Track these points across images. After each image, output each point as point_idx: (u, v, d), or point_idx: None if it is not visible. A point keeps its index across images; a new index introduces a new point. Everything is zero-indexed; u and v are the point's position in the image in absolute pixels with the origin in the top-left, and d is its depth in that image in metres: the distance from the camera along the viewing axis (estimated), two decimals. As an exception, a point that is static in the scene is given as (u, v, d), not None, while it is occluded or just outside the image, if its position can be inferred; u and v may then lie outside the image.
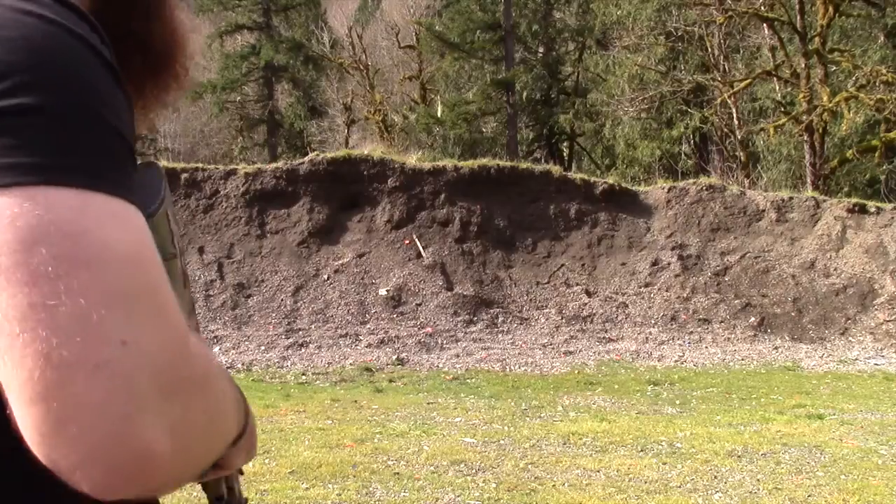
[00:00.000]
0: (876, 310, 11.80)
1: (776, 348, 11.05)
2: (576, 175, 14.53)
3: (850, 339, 11.41)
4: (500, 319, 11.55)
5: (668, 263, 12.57)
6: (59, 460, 0.52)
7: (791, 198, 13.63)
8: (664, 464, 5.44)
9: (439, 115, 24.20)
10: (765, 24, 20.19)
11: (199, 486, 0.95)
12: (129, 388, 0.52)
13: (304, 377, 9.29)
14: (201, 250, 11.97)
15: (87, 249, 0.53)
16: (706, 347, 11.06)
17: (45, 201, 0.53)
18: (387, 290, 11.65)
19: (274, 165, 13.41)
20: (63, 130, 0.56)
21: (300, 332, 10.79)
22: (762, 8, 19.24)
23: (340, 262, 12.11)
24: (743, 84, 20.23)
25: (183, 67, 0.85)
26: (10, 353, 0.51)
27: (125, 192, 0.57)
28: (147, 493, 0.55)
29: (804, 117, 18.32)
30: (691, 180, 14.37)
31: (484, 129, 25.18)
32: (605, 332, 11.46)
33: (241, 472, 0.94)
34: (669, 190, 13.62)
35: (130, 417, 0.52)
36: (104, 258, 0.53)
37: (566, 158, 25.86)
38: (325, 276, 11.89)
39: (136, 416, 0.52)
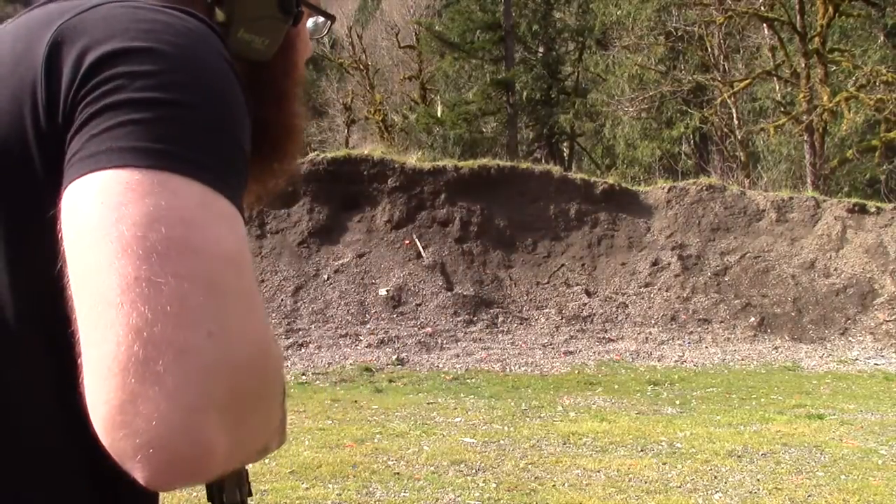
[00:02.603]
0: (876, 310, 11.80)
1: (776, 348, 11.05)
2: (576, 175, 14.53)
3: (850, 339, 11.41)
4: (500, 319, 11.55)
5: (668, 263, 12.57)
6: (121, 441, 0.52)
7: (791, 198, 13.62)
8: (664, 464, 5.44)
9: (439, 115, 24.19)
10: (765, 24, 20.19)
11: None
12: (203, 381, 0.53)
13: (304, 377, 9.29)
14: (201, 250, 11.96)
15: (200, 239, 0.55)
16: (706, 347, 11.05)
17: (175, 188, 0.56)
18: (387, 290, 11.65)
19: (274, 165, 13.39)
20: (204, 133, 0.60)
21: (300, 332, 10.79)
22: (762, 8, 19.24)
23: (340, 262, 12.11)
24: (743, 84, 20.23)
25: (291, 155, 0.89)
26: (101, 322, 0.53)
27: (238, 202, 0.61)
28: (188, 485, 0.55)
29: (804, 117, 18.31)
30: (691, 180, 14.37)
31: (484, 129, 25.15)
32: (605, 332, 11.45)
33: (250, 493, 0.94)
34: (669, 190, 13.62)
35: (198, 410, 0.52)
36: (212, 251, 0.56)
37: (566, 158, 25.85)
38: (325, 276, 11.89)
39: (204, 410, 0.53)
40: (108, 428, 0.52)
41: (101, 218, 0.54)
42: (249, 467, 0.87)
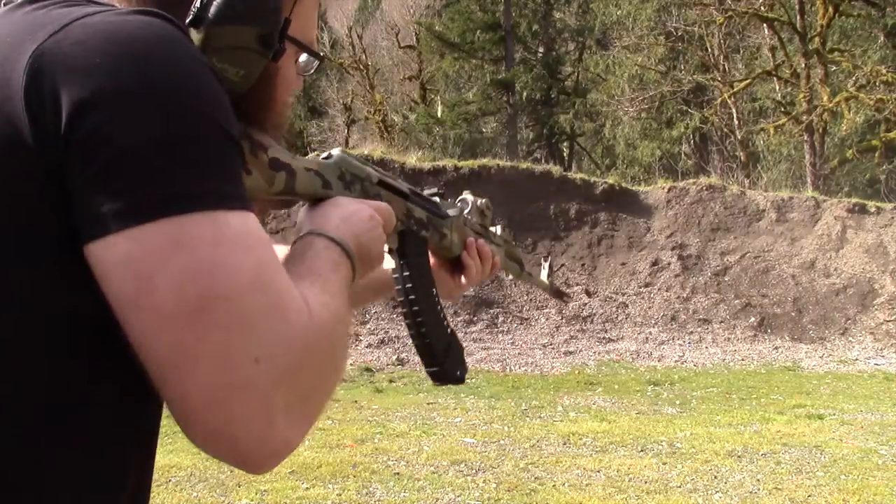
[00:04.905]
0: (876, 310, 11.80)
1: (776, 348, 11.05)
2: (576, 175, 14.53)
3: (850, 339, 11.41)
4: (500, 319, 11.55)
5: (668, 263, 12.57)
6: (226, 459, 0.64)
7: (791, 198, 13.63)
8: (664, 464, 5.44)
9: (439, 115, 24.20)
10: (765, 24, 20.19)
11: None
12: (266, 401, 0.62)
13: (304, 377, 9.29)
14: (201, 250, 11.96)
15: (224, 283, 0.61)
16: (706, 347, 11.05)
17: (190, 236, 0.61)
18: (387, 290, 11.64)
19: (274, 165, 13.39)
20: (198, 155, 0.63)
21: (300, 332, 10.79)
22: (762, 8, 19.24)
23: (340, 262, 12.10)
24: (743, 84, 20.23)
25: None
26: (168, 379, 0.62)
27: (241, 201, 0.65)
28: None
29: (804, 117, 18.31)
30: (691, 180, 14.37)
31: (484, 129, 25.16)
32: (605, 332, 11.46)
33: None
34: (669, 190, 13.62)
35: (270, 424, 0.63)
36: (238, 287, 0.62)
37: (566, 158, 25.85)
38: (325, 276, 11.88)
39: (275, 421, 0.63)
40: (212, 453, 0.64)
41: (137, 290, 0.60)
42: None
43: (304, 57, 0.89)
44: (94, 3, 0.69)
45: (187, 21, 0.72)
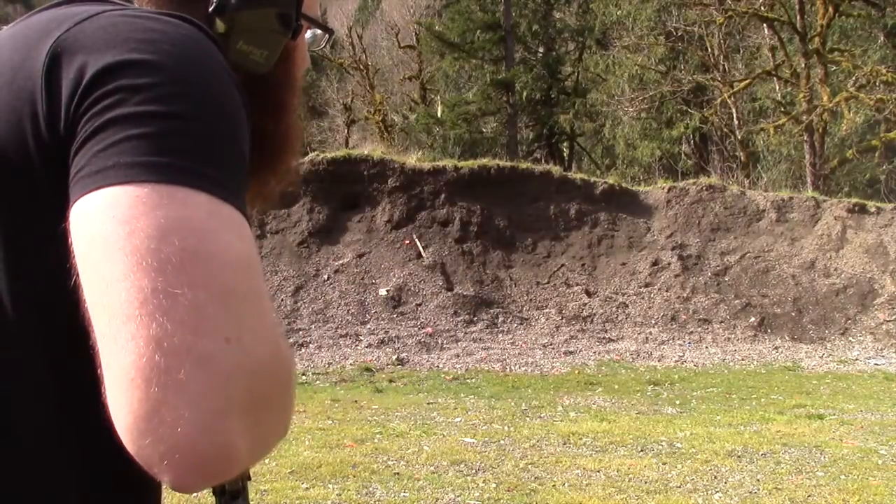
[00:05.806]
0: (876, 310, 11.80)
1: (776, 348, 11.05)
2: (576, 175, 14.53)
3: (850, 339, 11.41)
4: (500, 319, 11.55)
5: (668, 263, 12.57)
6: (147, 448, 0.53)
7: (791, 198, 13.63)
8: (664, 464, 5.43)
9: (439, 115, 24.20)
10: (765, 24, 20.20)
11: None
12: (224, 386, 0.54)
13: (304, 377, 9.29)
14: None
15: (212, 248, 0.57)
16: (706, 347, 11.05)
17: (183, 199, 0.57)
18: (387, 290, 11.64)
19: (274, 165, 13.39)
20: (206, 143, 0.61)
21: (300, 332, 10.79)
22: (762, 8, 19.25)
23: (340, 262, 12.11)
24: (743, 84, 20.23)
25: (287, 167, 0.90)
26: (121, 334, 0.54)
27: (243, 208, 0.62)
28: (212, 485, 0.58)
29: (804, 117, 18.32)
30: (691, 180, 14.37)
31: (484, 129, 25.15)
32: (605, 332, 11.45)
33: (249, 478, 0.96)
34: (669, 190, 13.62)
35: (220, 414, 0.54)
36: (224, 258, 0.57)
37: (566, 158, 25.84)
38: (325, 276, 11.89)
39: (225, 413, 0.54)
40: (134, 436, 0.54)
41: (114, 232, 0.55)
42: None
43: (309, 33, 0.91)
44: (123, 5, 0.71)
45: (210, 9, 0.75)
